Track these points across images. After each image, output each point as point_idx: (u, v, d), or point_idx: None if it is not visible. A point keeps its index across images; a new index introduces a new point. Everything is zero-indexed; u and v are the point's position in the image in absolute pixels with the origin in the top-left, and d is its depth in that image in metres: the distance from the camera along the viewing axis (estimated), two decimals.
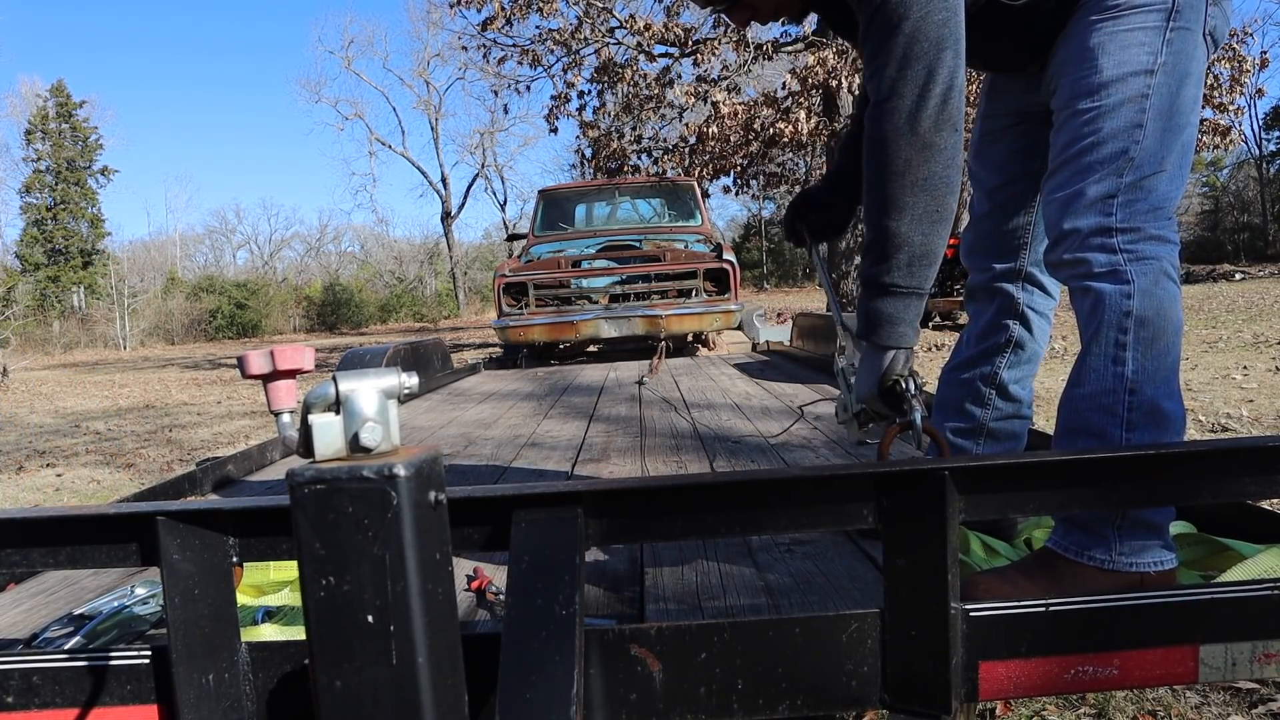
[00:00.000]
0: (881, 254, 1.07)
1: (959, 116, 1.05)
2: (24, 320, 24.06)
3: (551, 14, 9.93)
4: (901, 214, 1.04)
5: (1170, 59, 1.06)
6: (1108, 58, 1.08)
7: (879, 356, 1.11)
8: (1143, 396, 1.04)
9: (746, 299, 6.45)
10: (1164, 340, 1.05)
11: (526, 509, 0.87)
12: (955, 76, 1.04)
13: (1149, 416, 1.04)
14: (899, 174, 1.03)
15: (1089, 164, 1.08)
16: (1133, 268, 1.06)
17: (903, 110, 1.03)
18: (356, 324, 35.43)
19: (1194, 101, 1.09)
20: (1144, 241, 1.06)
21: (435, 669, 0.59)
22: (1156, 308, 1.05)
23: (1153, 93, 1.06)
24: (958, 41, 1.04)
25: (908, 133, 1.03)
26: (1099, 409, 1.06)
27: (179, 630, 0.83)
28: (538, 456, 2.35)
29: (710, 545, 1.39)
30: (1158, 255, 1.06)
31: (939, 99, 1.03)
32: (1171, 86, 1.06)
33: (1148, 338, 1.04)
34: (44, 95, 35.03)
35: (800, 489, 0.90)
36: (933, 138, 1.03)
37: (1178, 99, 1.07)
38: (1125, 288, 1.06)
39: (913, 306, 1.08)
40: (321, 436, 0.62)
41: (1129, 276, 1.06)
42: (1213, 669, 0.90)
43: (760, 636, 0.91)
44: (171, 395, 10.41)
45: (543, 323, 5.65)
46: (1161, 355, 1.05)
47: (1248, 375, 5.60)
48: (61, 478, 5.17)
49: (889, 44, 1.04)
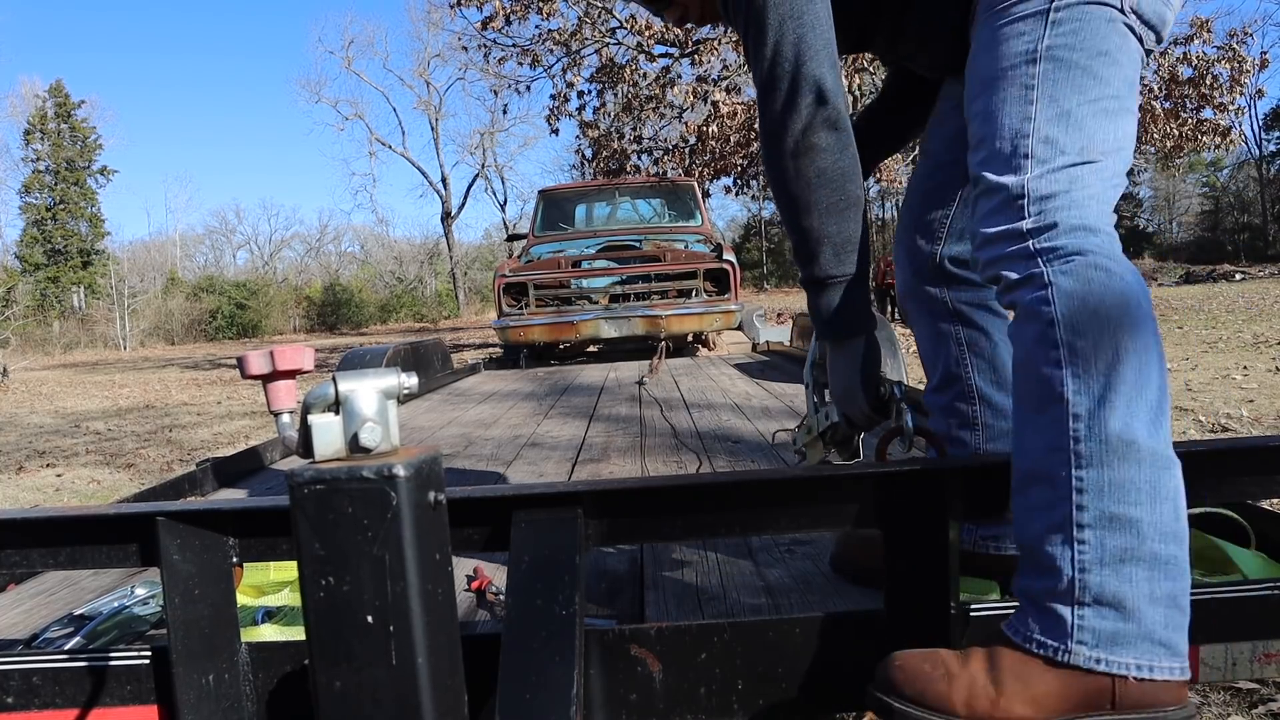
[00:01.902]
0: (808, 254, 1.08)
1: (835, 117, 1.03)
2: (24, 320, 24.05)
3: (551, 14, 9.93)
4: (810, 212, 1.06)
5: (1059, 41, 0.95)
6: (987, 54, 1.00)
7: (845, 351, 1.11)
8: (1095, 422, 0.82)
9: (746, 299, 6.45)
10: (1111, 347, 0.84)
11: (526, 509, 0.87)
12: (820, 85, 1.02)
13: (1107, 447, 0.81)
14: (794, 178, 1.05)
15: (989, 164, 0.97)
16: (1050, 269, 0.89)
17: (777, 126, 1.05)
18: (356, 324, 35.44)
19: (1113, 83, 0.95)
20: (1062, 235, 0.89)
21: (435, 669, 0.59)
22: (1091, 309, 0.85)
23: (1039, 81, 0.94)
24: (817, 52, 1.03)
25: (787, 140, 1.04)
26: (1046, 447, 0.85)
27: (179, 630, 0.83)
28: (538, 456, 2.35)
29: (710, 545, 1.39)
30: (1082, 248, 0.88)
31: (807, 111, 1.03)
32: (1065, 71, 0.94)
33: (1086, 349, 0.84)
34: (43, 95, 35.08)
35: (800, 489, 0.90)
36: (812, 139, 1.03)
37: (1079, 83, 0.94)
38: (1043, 293, 0.88)
39: (854, 292, 1.08)
40: (321, 437, 0.62)
41: (1046, 279, 0.88)
42: (1213, 669, 0.90)
43: (760, 636, 0.91)
44: (171, 395, 10.41)
45: (543, 323, 5.65)
46: (1112, 365, 0.83)
47: (1248, 375, 5.61)
48: (61, 478, 5.17)
49: (754, 63, 1.06)
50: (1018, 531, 0.87)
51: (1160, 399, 0.84)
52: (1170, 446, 0.83)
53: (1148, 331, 0.85)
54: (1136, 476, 0.80)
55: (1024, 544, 0.86)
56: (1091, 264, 0.87)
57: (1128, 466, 0.80)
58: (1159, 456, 0.81)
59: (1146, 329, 0.85)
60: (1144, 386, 0.83)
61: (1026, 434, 0.88)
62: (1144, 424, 0.82)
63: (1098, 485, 0.80)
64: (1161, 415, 0.83)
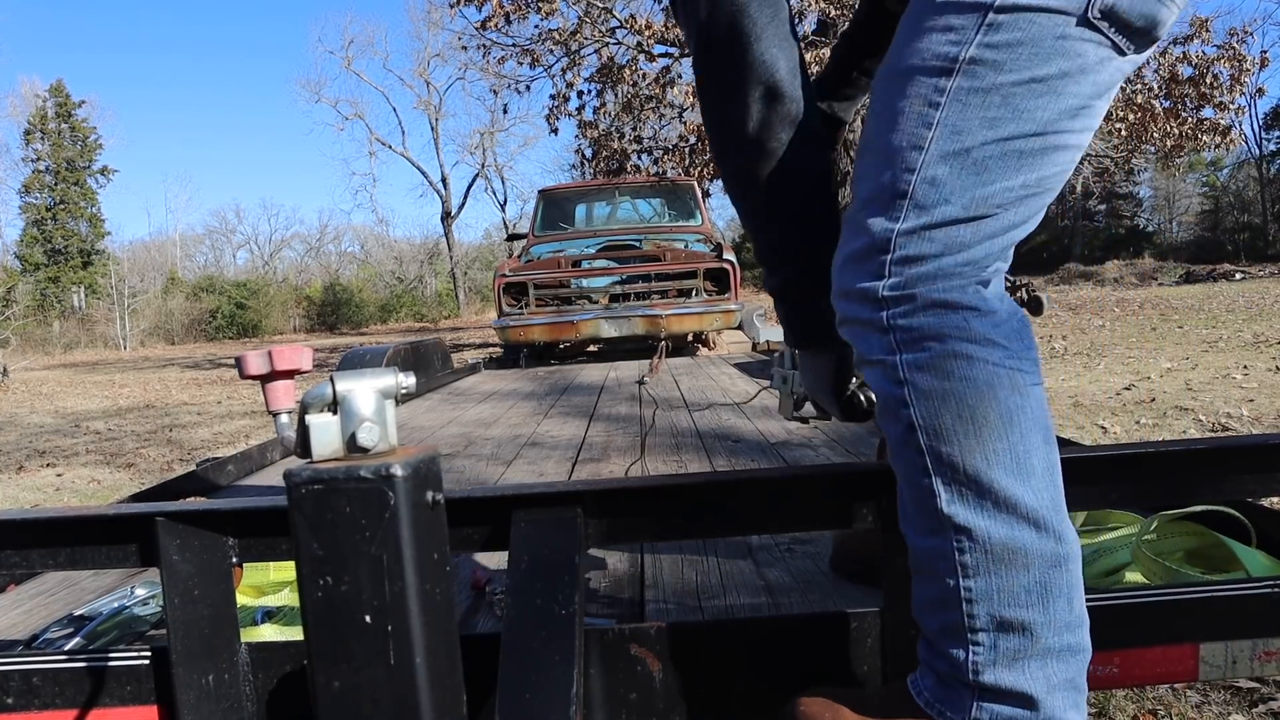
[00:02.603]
0: (769, 262, 1.00)
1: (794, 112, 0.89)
2: (24, 320, 24.07)
3: (551, 14, 9.93)
4: (770, 218, 0.96)
5: (986, 54, 0.74)
6: (906, 39, 0.80)
7: (813, 358, 1.05)
8: (977, 532, 0.74)
9: (746, 299, 6.45)
10: (981, 448, 0.74)
11: (526, 509, 0.87)
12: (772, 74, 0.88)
13: (991, 557, 0.74)
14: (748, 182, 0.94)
15: (862, 198, 0.81)
16: (905, 359, 0.76)
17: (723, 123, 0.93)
18: (356, 324, 35.45)
19: (1037, 117, 0.75)
20: (920, 314, 0.76)
21: (433, 669, 0.59)
22: (953, 411, 0.74)
23: (946, 101, 0.75)
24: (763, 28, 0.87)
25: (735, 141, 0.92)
26: (931, 552, 0.78)
27: (179, 631, 0.83)
28: (538, 456, 2.35)
29: (710, 545, 1.39)
30: (941, 331, 0.75)
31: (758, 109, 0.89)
32: (979, 96, 0.74)
33: (953, 455, 0.75)
34: (43, 95, 35.07)
35: (800, 489, 0.90)
36: (769, 144, 0.91)
37: (993, 114, 0.74)
38: (899, 392, 0.77)
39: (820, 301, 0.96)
40: (319, 437, 0.62)
41: (901, 374, 0.77)
42: (1213, 667, 0.90)
43: (760, 636, 0.91)
44: (171, 395, 10.41)
45: (543, 323, 5.65)
46: (986, 467, 0.74)
47: (1248, 375, 5.61)
48: (61, 478, 5.17)
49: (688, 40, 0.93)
50: (916, 612, 0.82)
51: (1048, 492, 0.76)
52: (1065, 525, 0.76)
53: (1021, 420, 0.75)
54: (1026, 580, 0.74)
55: (923, 626, 0.81)
56: (950, 352, 0.75)
57: (1015, 573, 0.74)
58: (1047, 555, 0.75)
59: (1020, 419, 0.75)
60: (1024, 483, 0.75)
61: (912, 528, 0.80)
62: (1027, 529, 0.74)
63: (986, 594, 0.75)
64: (1053, 509, 0.76)
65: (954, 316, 0.76)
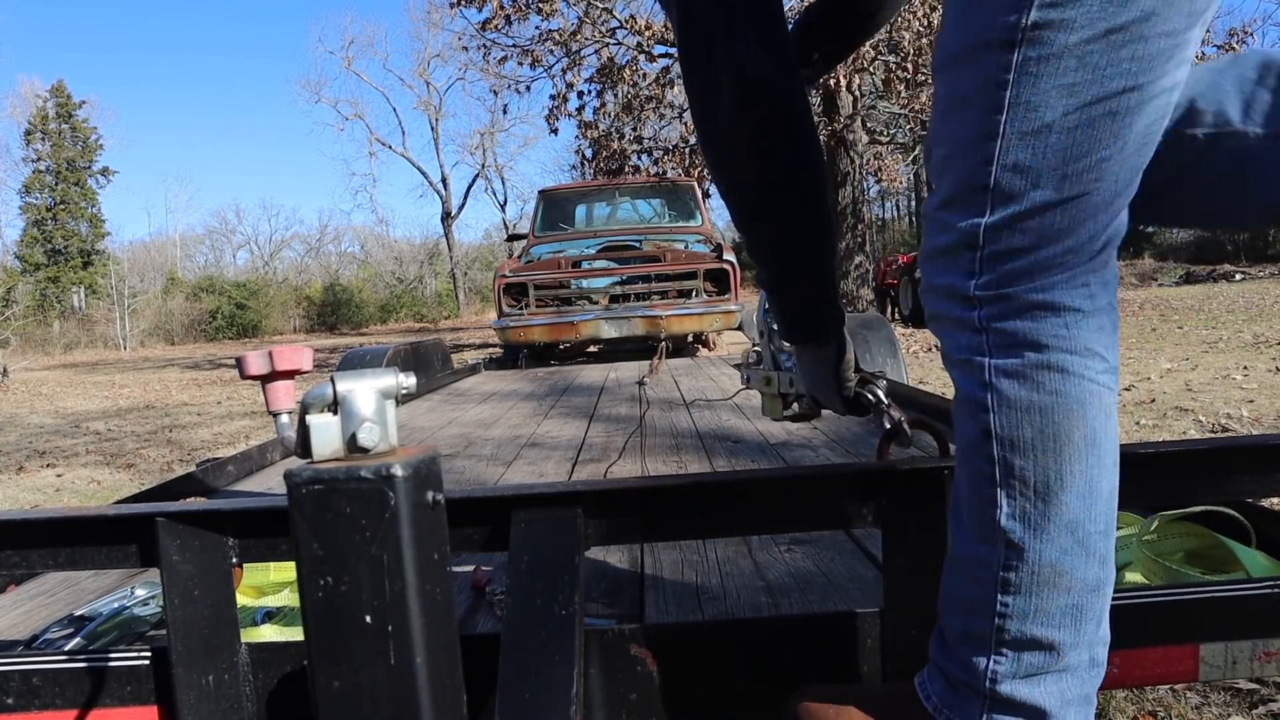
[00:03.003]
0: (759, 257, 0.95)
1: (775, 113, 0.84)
2: (24, 320, 24.07)
3: (551, 14, 9.94)
4: (757, 216, 0.92)
5: (1054, 15, 0.64)
6: (951, 29, 0.72)
7: (811, 355, 1.03)
8: (1028, 553, 0.72)
9: (747, 299, 6.44)
10: (1057, 470, 0.70)
11: (526, 509, 0.87)
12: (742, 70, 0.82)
13: (1038, 579, 0.72)
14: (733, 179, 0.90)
15: (941, 196, 0.74)
16: (994, 364, 0.71)
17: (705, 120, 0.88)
18: (356, 324, 35.45)
19: (1126, 69, 0.64)
20: (1016, 317, 0.70)
21: (433, 669, 0.59)
22: (1036, 427, 0.70)
23: (1014, 78, 0.66)
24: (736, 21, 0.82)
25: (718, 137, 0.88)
26: (975, 560, 0.75)
27: (179, 631, 0.83)
28: (538, 456, 2.35)
29: (710, 545, 1.39)
30: (1037, 338, 0.70)
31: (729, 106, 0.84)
32: (1059, 62, 0.65)
33: (1026, 471, 0.71)
34: (44, 95, 35.08)
35: (800, 489, 0.90)
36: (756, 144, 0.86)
37: (1069, 79, 0.65)
38: (982, 396, 0.72)
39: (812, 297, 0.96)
40: (319, 437, 0.62)
41: (987, 376, 0.71)
42: (1213, 667, 0.90)
43: (760, 636, 0.91)
44: (171, 395, 10.41)
45: (543, 323, 5.65)
46: (1055, 491, 0.70)
47: (1248, 375, 5.60)
48: (62, 478, 5.17)
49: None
50: (942, 607, 0.79)
51: (1105, 517, 0.73)
52: (1110, 549, 0.74)
53: (1103, 443, 0.72)
54: (1064, 602, 0.72)
55: (945, 626, 0.79)
56: (1045, 363, 0.70)
57: (1056, 595, 0.72)
58: (1090, 580, 0.72)
59: (1101, 442, 0.71)
60: (1089, 508, 0.72)
61: (962, 529, 0.77)
62: (1079, 554, 0.71)
63: (1022, 612, 0.72)
64: (1105, 535, 0.73)
65: (1055, 321, 0.70)
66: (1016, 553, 0.72)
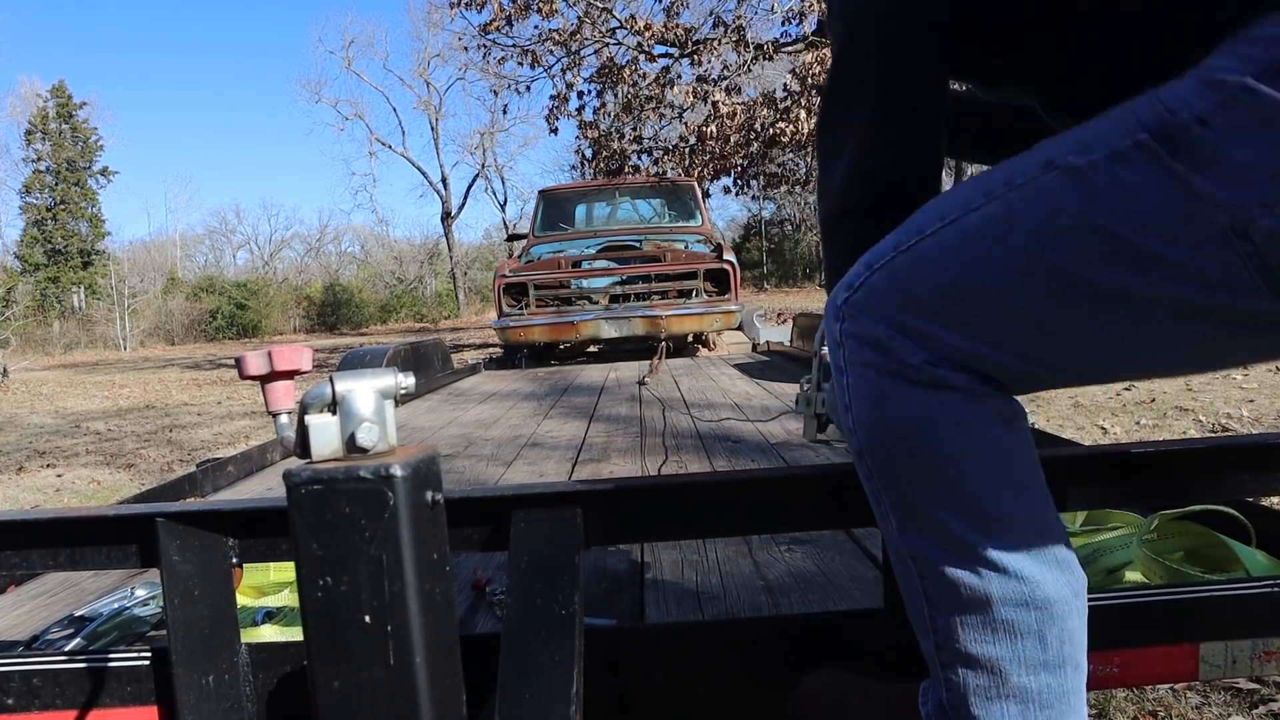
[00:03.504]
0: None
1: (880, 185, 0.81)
2: (24, 321, 24.07)
3: (551, 14, 9.94)
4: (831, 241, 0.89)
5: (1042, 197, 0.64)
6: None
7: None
8: (925, 563, 0.72)
9: (747, 299, 6.45)
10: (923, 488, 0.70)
11: (526, 509, 0.87)
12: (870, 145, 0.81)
13: (944, 588, 0.71)
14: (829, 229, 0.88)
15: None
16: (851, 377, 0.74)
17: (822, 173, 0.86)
18: (356, 324, 35.45)
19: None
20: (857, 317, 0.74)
21: (433, 669, 0.59)
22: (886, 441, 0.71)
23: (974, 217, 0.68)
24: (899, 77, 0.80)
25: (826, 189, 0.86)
26: (898, 575, 0.77)
27: (179, 631, 0.83)
28: (538, 456, 2.35)
29: (710, 545, 1.39)
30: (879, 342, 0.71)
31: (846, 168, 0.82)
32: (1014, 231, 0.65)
33: (896, 490, 0.72)
34: (44, 95, 35.09)
35: (800, 489, 0.90)
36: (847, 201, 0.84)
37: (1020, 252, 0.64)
38: (847, 417, 0.75)
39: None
40: (318, 437, 0.62)
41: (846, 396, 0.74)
42: (1213, 667, 0.89)
43: (760, 636, 0.91)
44: (172, 395, 10.41)
45: (543, 323, 5.65)
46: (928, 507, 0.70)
47: (1248, 375, 5.60)
48: (62, 478, 5.17)
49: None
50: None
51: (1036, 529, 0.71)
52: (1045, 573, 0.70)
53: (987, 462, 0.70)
54: (990, 619, 0.70)
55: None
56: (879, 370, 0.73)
57: (977, 611, 0.71)
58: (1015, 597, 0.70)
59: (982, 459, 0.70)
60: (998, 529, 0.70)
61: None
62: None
63: (948, 629, 0.72)
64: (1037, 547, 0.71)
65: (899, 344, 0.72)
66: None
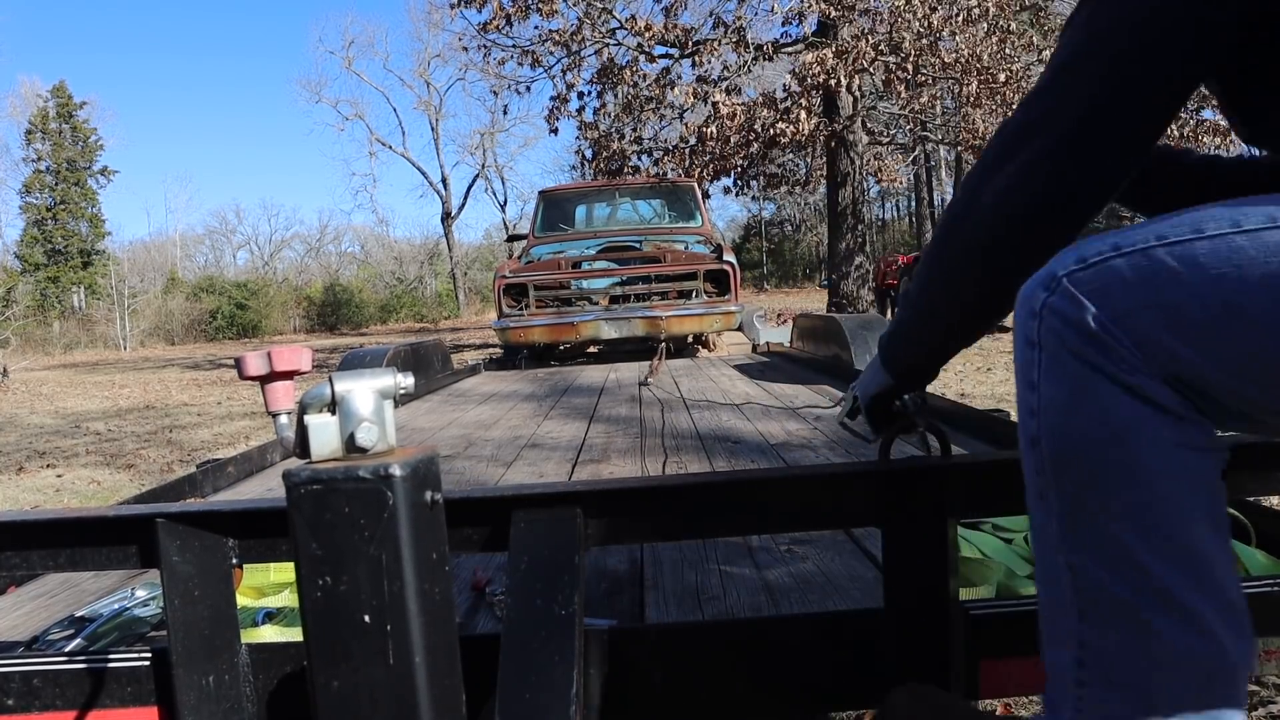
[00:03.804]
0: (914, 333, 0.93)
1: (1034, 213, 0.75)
2: (24, 320, 24.07)
3: (552, 14, 9.94)
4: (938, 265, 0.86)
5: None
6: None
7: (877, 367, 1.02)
8: (1085, 574, 0.67)
9: (746, 300, 6.45)
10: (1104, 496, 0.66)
11: (526, 509, 0.87)
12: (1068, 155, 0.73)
13: (1103, 606, 0.66)
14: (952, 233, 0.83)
15: None
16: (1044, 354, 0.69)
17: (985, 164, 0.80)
18: (356, 324, 35.46)
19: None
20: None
21: (433, 669, 0.59)
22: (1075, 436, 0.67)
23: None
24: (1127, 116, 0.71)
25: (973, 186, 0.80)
26: (1042, 579, 0.72)
27: (179, 632, 0.83)
28: (538, 457, 2.35)
29: (710, 545, 1.39)
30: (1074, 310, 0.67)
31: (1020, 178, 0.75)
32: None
33: (1070, 491, 0.67)
34: (44, 95, 35.11)
35: (800, 489, 0.90)
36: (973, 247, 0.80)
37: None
38: (1031, 397, 0.70)
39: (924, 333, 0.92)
40: (317, 437, 0.62)
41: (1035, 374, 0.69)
42: None
43: (760, 636, 0.91)
44: (172, 396, 10.41)
45: (543, 324, 5.65)
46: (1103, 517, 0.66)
47: None
48: (62, 478, 5.17)
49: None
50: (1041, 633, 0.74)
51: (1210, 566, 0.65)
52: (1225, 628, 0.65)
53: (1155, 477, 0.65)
54: (1151, 651, 0.65)
55: (1043, 655, 0.73)
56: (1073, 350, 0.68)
57: (1140, 639, 0.65)
58: (1187, 641, 0.64)
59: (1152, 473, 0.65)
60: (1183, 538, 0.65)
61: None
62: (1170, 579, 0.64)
63: (1099, 649, 0.67)
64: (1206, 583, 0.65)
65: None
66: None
